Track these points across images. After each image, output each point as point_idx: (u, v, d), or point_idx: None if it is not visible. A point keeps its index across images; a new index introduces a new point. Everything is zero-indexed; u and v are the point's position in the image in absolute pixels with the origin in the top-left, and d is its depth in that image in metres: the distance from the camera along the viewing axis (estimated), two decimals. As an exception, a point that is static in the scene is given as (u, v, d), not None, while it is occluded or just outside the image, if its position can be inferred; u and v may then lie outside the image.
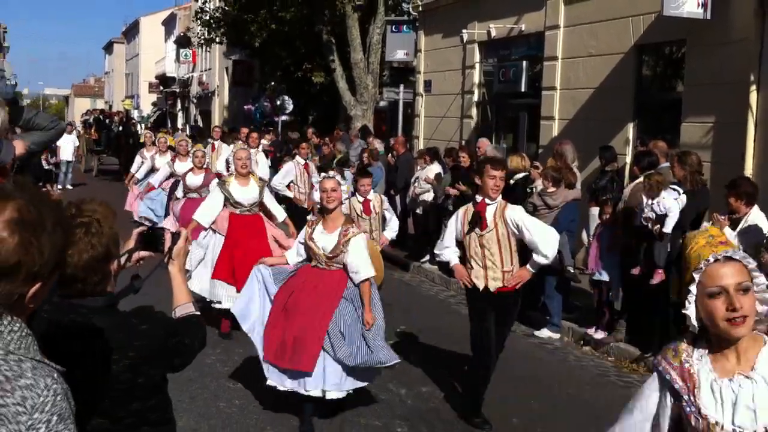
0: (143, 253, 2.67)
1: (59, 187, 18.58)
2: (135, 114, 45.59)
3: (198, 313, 2.72)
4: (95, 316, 2.37)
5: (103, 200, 2.48)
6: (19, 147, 3.46)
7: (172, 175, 12.28)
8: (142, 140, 17.36)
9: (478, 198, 5.92)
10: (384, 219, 7.94)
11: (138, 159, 14.93)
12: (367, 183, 7.87)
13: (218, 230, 7.98)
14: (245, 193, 8.02)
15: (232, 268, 7.78)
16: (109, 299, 2.44)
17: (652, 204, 7.25)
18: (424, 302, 10.13)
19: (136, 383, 2.39)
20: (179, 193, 10.85)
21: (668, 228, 7.15)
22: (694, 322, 2.25)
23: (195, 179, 10.62)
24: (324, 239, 5.66)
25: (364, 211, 7.77)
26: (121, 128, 26.48)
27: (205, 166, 10.95)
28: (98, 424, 2.36)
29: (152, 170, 13.42)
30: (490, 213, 5.81)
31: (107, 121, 29.57)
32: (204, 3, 25.38)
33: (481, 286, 5.86)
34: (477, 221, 5.80)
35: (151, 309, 2.57)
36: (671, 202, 7.17)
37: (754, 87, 9.48)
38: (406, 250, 12.67)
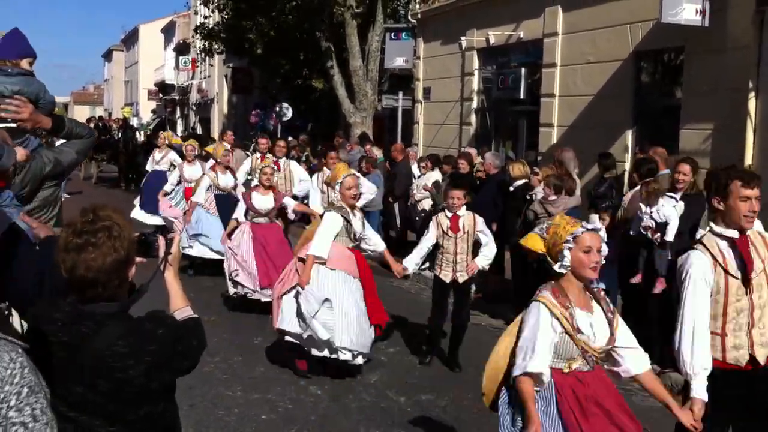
0: (137, 259, 2.67)
1: (66, 195, 18.43)
2: (134, 121, 45.59)
3: (196, 316, 2.73)
4: (110, 322, 2.38)
5: (116, 207, 2.50)
6: (21, 153, 3.47)
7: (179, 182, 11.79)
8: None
9: (722, 230, 3.85)
10: (477, 243, 6.95)
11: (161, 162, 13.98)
12: (459, 195, 6.87)
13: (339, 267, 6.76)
14: (358, 223, 6.96)
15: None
16: (123, 305, 2.45)
17: (651, 212, 7.24)
18: (423, 310, 10.07)
19: (148, 388, 2.40)
20: (239, 215, 9.03)
21: (670, 236, 7.14)
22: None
23: (263, 201, 8.98)
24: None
25: (451, 228, 6.92)
26: (120, 135, 26.47)
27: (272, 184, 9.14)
28: (108, 429, 2.37)
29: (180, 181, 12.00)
30: (753, 251, 3.83)
31: (106, 128, 29.55)
32: (206, 18, 25.39)
33: (744, 360, 3.81)
34: (742, 264, 3.80)
35: (163, 313, 2.59)
36: (670, 210, 7.16)
37: (752, 93, 9.49)
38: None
